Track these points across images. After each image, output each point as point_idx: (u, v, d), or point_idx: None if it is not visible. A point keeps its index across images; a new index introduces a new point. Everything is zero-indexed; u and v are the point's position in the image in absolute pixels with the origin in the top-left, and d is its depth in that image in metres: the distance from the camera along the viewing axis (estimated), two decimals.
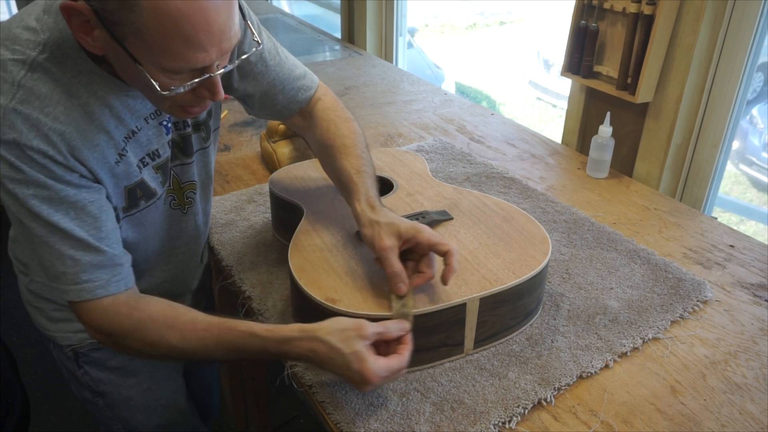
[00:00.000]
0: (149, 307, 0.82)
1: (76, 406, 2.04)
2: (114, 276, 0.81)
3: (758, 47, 1.29)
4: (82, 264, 0.78)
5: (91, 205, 0.78)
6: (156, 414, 1.13)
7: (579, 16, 1.46)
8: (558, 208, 1.30)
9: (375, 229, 0.85)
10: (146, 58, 0.70)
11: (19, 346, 2.23)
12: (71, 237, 0.77)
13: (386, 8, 2.46)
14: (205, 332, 0.80)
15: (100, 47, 0.71)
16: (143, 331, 0.81)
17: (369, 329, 0.77)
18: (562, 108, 3.60)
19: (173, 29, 0.66)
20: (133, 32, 0.67)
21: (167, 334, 0.80)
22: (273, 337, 0.79)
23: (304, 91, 1.03)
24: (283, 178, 1.18)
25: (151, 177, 0.89)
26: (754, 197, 3.29)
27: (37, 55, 0.74)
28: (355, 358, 0.75)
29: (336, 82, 2.10)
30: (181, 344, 0.80)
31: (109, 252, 0.80)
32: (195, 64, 0.71)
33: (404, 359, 0.78)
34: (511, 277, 0.90)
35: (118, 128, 0.81)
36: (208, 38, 0.69)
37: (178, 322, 0.81)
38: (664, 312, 1.01)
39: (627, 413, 0.83)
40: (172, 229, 1.00)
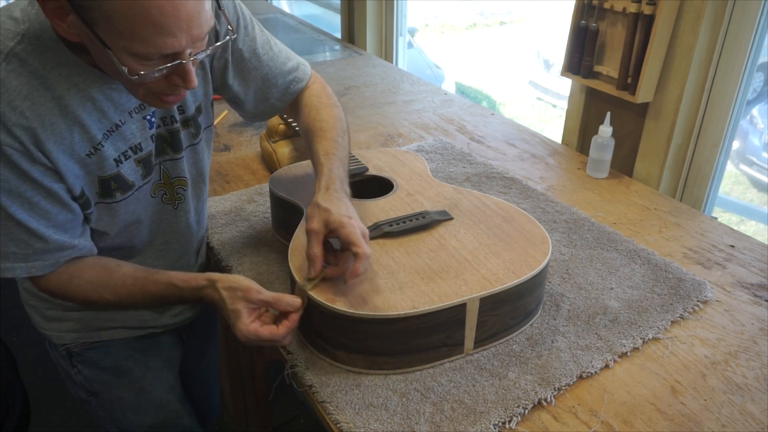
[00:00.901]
0: (86, 273, 0.90)
1: (76, 406, 2.04)
2: (62, 257, 0.86)
3: (758, 47, 1.29)
4: (33, 248, 0.83)
5: (44, 200, 0.81)
6: (148, 414, 1.13)
7: (579, 16, 1.46)
8: (558, 208, 1.30)
9: (314, 211, 0.88)
10: (116, 44, 0.70)
11: (19, 346, 2.23)
12: (23, 225, 0.81)
13: (386, 8, 2.46)
14: (133, 287, 0.91)
15: (75, 34, 0.72)
16: (83, 293, 0.90)
17: (255, 295, 0.85)
18: (562, 108, 3.60)
19: (141, 14, 0.67)
20: (103, 17, 0.67)
21: (103, 292, 0.91)
22: (187, 286, 0.90)
23: (296, 83, 1.06)
24: (283, 178, 1.18)
25: (131, 170, 0.90)
26: (754, 197, 3.29)
27: (15, 45, 0.74)
28: (233, 314, 0.84)
29: (336, 82, 2.10)
30: (116, 298, 0.91)
31: (56, 239, 0.84)
32: (164, 50, 0.71)
33: (276, 333, 0.84)
34: (511, 277, 0.90)
35: (101, 122, 0.83)
36: (177, 23, 0.69)
37: (111, 281, 0.91)
38: (665, 312, 1.01)
39: (627, 413, 0.83)
40: (163, 224, 1.02)
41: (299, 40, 2.69)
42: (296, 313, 0.85)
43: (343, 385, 0.86)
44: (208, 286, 0.88)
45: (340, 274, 0.87)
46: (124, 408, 1.11)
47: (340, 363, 0.89)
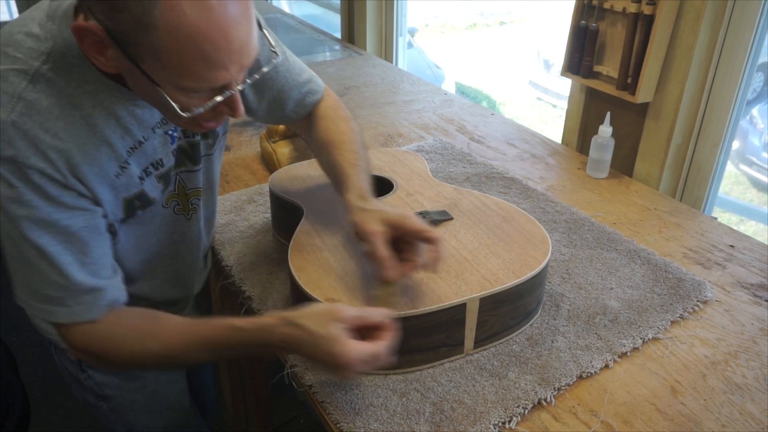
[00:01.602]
0: (128, 320, 0.81)
1: (76, 406, 2.04)
2: (99, 300, 0.79)
3: (758, 47, 1.29)
4: (68, 290, 0.76)
5: (82, 230, 0.76)
6: (161, 416, 1.12)
7: (579, 16, 1.46)
8: (558, 208, 1.30)
9: (364, 216, 0.85)
10: (164, 79, 0.67)
11: (19, 346, 2.23)
12: (57, 263, 0.75)
13: (386, 8, 2.46)
14: (184, 334, 0.79)
15: (113, 66, 0.69)
16: (123, 344, 0.80)
17: (345, 312, 0.75)
18: (562, 108, 3.60)
19: (192, 49, 0.64)
20: (151, 53, 0.64)
21: (148, 343, 0.80)
22: (252, 327, 0.78)
23: (311, 96, 1.03)
24: (283, 178, 1.18)
25: (152, 186, 0.87)
26: (754, 197, 3.29)
27: (41, 65, 0.71)
28: (333, 341, 0.72)
29: (336, 82, 2.10)
30: (163, 350, 0.80)
31: (93, 280, 0.78)
32: (215, 83, 0.69)
33: (386, 345, 0.75)
34: (511, 277, 0.90)
35: (124, 139, 0.79)
36: (229, 56, 0.66)
37: (156, 329, 0.81)
38: (664, 312, 1.01)
39: (627, 413, 0.83)
40: (175, 234, 0.98)
41: (299, 40, 2.69)
42: (389, 321, 0.78)
43: (343, 385, 0.86)
44: (281, 324, 0.76)
45: (415, 268, 0.84)
46: (138, 412, 1.09)
47: None
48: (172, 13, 0.61)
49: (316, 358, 0.76)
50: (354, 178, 0.91)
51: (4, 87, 0.70)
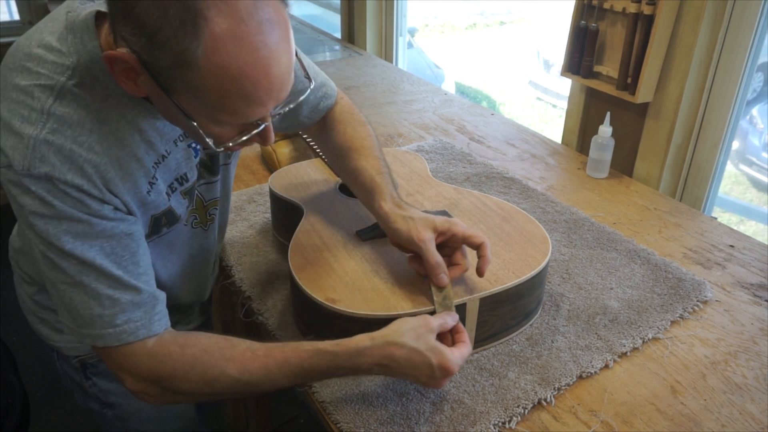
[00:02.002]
0: (200, 341, 0.76)
1: (76, 407, 2.03)
2: (155, 314, 0.75)
3: (758, 47, 1.29)
4: (121, 303, 0.72)
5: (127, 238, 0.73)
6: (168, 424, 1.10)
7: (579, 16, 1.46)
8: (558, 208, 1.30)
9: (410, 223, 0.85)
10: (199, 113, 0.66)
11: (19, 346, 2.23)
12: (108, 275, 0.71)
13: (386, 8, 2.46)
14: (267, 358, 0.75)
15: (143, 92, 0.67)
16: (200, 367, 0.74)
17: (434, 323, 0.77)
18: (562, 108, 3.60)
19: (233, 89, 0.62)
20: (188, 88, 0.62)
21: (227, 367, 0.74)
22: (343, 350, 0.75)
23: (326, 100, 1.01)
24: (283, 178, 1.18)
25: (178, 203, 0.84)
26: (754, 197, 3.29)
27: (66, 80, 0.68)
28: (434, 353, 0.74)
29: (336, 82, 2.06)
30: (243, 375, 0.74)
31: (147, 290, 0.74)
32: (251, 119, 0.68)
33: (470, 346, 0.79)
34: (511, 277, 0.90)
35: (149, 154, 0.76)
36: (269, 94, 0.65)
37: (236, 352, 0.75)
38: (664, 312, 1.01)
39: (627, 413, 0.83)
40: (193, 248, 0.97)
41: (299, 40, 2.69)
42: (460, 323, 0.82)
43: (343, 385, 0.86)
44: (375, 346, 0.75)
45: (464, 271, 0.86)
46: (144, 419, 1.07)
47: None
48: (216, 53, 0.59)
49: (417, 373, 0.75)
50: (385, 186, 0.91)
51: (31, 103, 0.67)
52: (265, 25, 0.61)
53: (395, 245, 0.89)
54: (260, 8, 0.60)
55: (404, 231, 0.85)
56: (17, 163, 0.67)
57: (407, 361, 0.74)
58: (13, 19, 3.25)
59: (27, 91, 0.68)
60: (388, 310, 0.83)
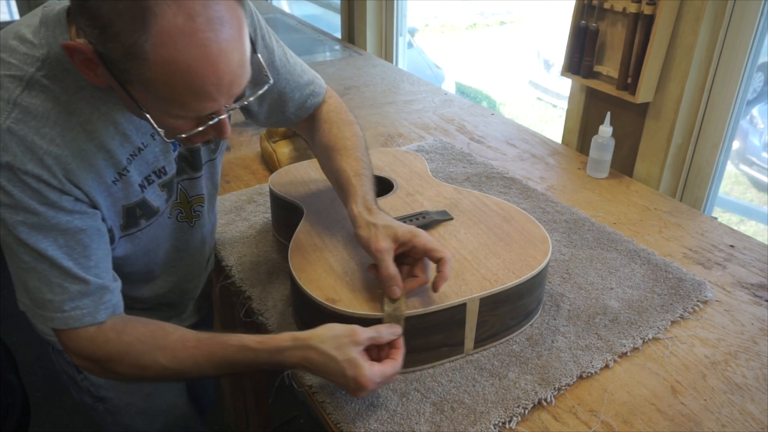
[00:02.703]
0: (137, 330, 0.80)
1: (76, 407, 2.04)
2: (102, 304, 0.78)
3: (758, 47, 1.29)
4: (69, 292, 0.76)
5: (81, 233, 0.75)
6: (158, 419, 1.12)
7: (579, 16, 1.46)
8: (558, 208, 1.30)
9: (371, 231, 0.84)
10: (152, 105, 0.68)
11: (19, 346, 2.23)
12: (58, 266, 0.74)
13: (386, 8, 2.46)
14: (196, 349, 0.78)
15: (103, 82, 0.69)
16: (133, 354, 0.79)
17: (362, 335, 0.76)
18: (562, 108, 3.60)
19: (181, 83, 0.64)
20: (140, 80, 0.64)
21: (157, 355, 0.78)
22: (265, 348, 0.78)
23: (313, 98, 1.02)
24: (283, 178, 1.18)
25: (155, 195, 0.86)
26: (754, 197, 3.29)
27: (35, 71, 0.70)
28: (350, 365, 0.74)
29: (336, 82, 2.10)
30: (172, 364, 0.78)
31: (95, 282, 0.77)
32: (203, 112, 0.69)
33: (398, 364, 0.78)
34: (511, 277, 0.90)
35: (123, 146, 0.78)
36: (218, 89, 0.66)
37: (168, 342, 0.79)
38: (665, 312, 1.01)
39: (627, 413, 0.83)
40: (179, 242, 0.98)
41: (299, 40, 2.69)
42: (400, 339, 0.81)
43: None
44: (296, 347, 0.77)
45: (422, 284, 0.85)
46: (134, 413, 1.09)
47: None
48: (164, 47, 0.61)
49: (333, 380, 0.77)
50: (359, 188, 0.91)
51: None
52: (215, 22, 0.62)
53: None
54: (210, 6, 0.62)
55: (365, 238, 0.84)
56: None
57: (324, 367, 0.76)
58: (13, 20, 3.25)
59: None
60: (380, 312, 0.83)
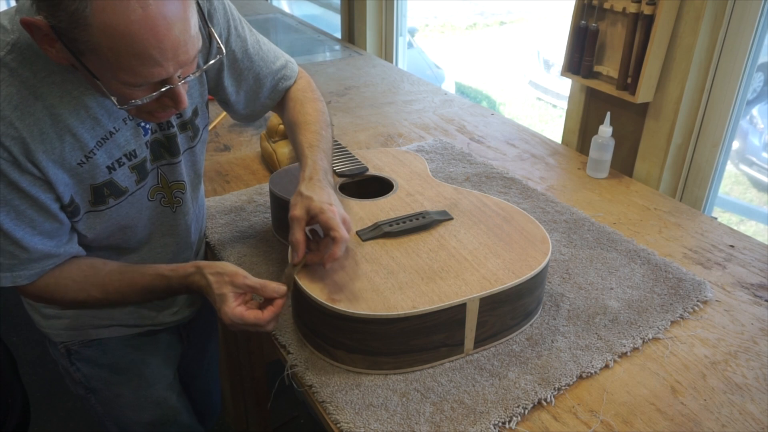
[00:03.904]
0: (72, 273, 0.89)
1: (76, 406, 2.04)
2: (47, 266, 0.86)
3: (758, 47, 1.29)
4: (18, 257, 0.83)
5: (30, 209, 0.81)
6: (147, 411, 1.13)
7: (579, 16, 1.46)
8: (558, 208, 1.30)
9: (297, 199, 0.89)
10: (104, 73, 0.71)
11: (19, 346, 2.23)
12: (9, 236, 0.81)
13: (386, 8, 2.46)
14: (120, 282, 0.90)
15: (63, 58, 0.72)
16: (72, 293, 0.89)
17: (242, 280, 0.85)
18: (562, 108, 3.60)
19: (124, 47, 0.67)
20: (89, 49, 0.68)
21: (90, 290, 0.90)
22: (176, 275, 0.89)
23: (284, 81, 1.07)
24: (283, 178, 1.18)
25: (124, 176, 0.90)
26: (754, 197, 3.29)
27: (5, 55, 0.74)
28: (219, 299, 0.84)
29: (336, 82, 2.10)
30: (103, 295, 0.90)
31: (41, 249, 0.84)
32: (152, 79, 0.72)
33: (261, 318, 0.84)
34: (511, 277, 0.90)
35: (94, 129, 0.82)
36: (161, 53, 0.69)
37: (98, 278, 0.90)
38: (664, 312, 1.01)
39: (627, 413, 0.83)
40: (163, 226, 1.02)
41: (299, 40, 2.69)
42: (281, 299, 0.86)
43: (343, 385, 0.86)
44: (196, 273, 0.87)
45: (320, 259, 0.88)
46: (123, 405, 1.11)
47: (340, 363, 0.89)
48: (104, 12, 0.65)
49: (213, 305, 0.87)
50: (309, 159, 0.95)
51: None
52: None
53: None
54: None
55: (291, 205, 0.89)
56: None
57: (206, 293, 0.87)
58: None
59: None
60: (387, 310, 0.83)
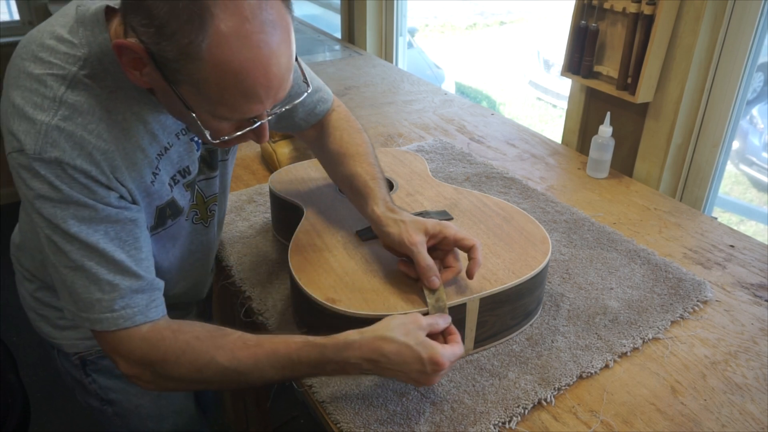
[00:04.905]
0: (194, 329, 0.78)
1: (77, 407, 2.04)
2: (153, 301, 0.77)
3: (758, 47, 1.29)
4: (120, 289, 0.74)
5: (131, 224, 0.75)
6: (167, 421, 1.10)
7: (579, 16, 1.46)
8: (558, 208, 1.30)
9: (401, 227, 0.86)
10: (200, 106, 0.69)
11: (19, 347, 2.23)
12: (110, 259, 0.73)
13: (386, 8, 2.46)
14: (257, 348, 0.76)
15: (147, 82, 0.70)
16: (191, 353, 0.75)
17: (424, 320, 0.78)
18: (562, 108, 3.60)
19: (233, 83, 0.65)
20: (190, 81, 0.65)
21: (217, 354, 0.75)
22: (332, 343, 0.76)
23: (321, 104, 1.03)
24: (283, 178, 1.18)
25: (180, 195, 0.87)
26: (754, 197, 3.29)
27: (78, 70, 0.71)
28: (424, 347, 0.75)
29: (336, 82, 2.10)
30: (232, 364, 0.75)
31: (147, 277, 0.76)
32: (250, 114, 0.70)
33: (461, 346, 0.79)
34: (511, 277, 0.90)
35: (152, 145, 0.79)
36: (267, 92, 0.68)
37: (227, 341, 0.77)
38: (664, 312, 1.01)
39: (627, 413, 0.83)
40: (193, 244, 0.99)
41: (299, 40, 2.69)
42: (451, 325, 0.82)
43: (343, 385, 0.86)
44: (363, 339, 0.76)
45: (457, 274, 0.87)
46: (143, 416, 1.08)
47: None
48: (219, 48, 0.62)
49: (407, 369, 0.75)
50: (378, 191, 0.93)
51: (43, 91, 0.70)
52: (267, 25, 0.64)
53: (388, 249, 0.90)
54: (264, 9, 0.64)
55: (396, 234, 0.86)
56: (29, 147, 0.69)
57: (397, 356, 0.74)
58: (12, 19, 3.25)
59: (40, 80, 0.70)
60: (387, 310, 0.83)
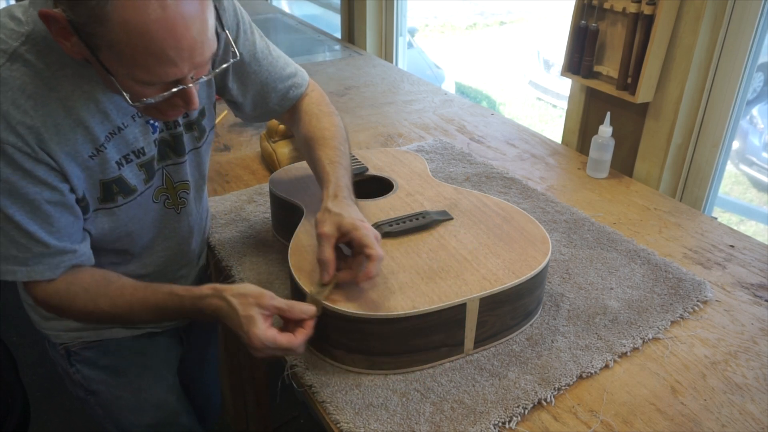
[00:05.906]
0: (83, 280, 0.87)
1: (76, 407, 2.04)
2: (62, 262, 0.85)
3: (758, 47, 1.29)
4: (32, 251, 0.82)
5: (46, 204, 0.80)
6: (147, 414, 1.13)
7: (579, 16, 1.46)
8: (558, 208, 1.30)
9: (324, 216, 0.87)
10: (119, 70, 0.71)
11: (19, 346, 2.23)
12: (23, 229, 0.80)
13: (386, 8, 2.46)
14: (132, 296, 0.87)
15: (78, 52, 0.73)
16: (79, 301, 0.87)
17: (268, 300, 0.81)
18: (562, 108, 3.60)
19: (142, 45, 0.68)
20: (106, 45, 0.68)
21: (99, 301, 0.87)
22: (189, 294, 0.85)
23: (295, 89, 1.06)
24: (283, 178, 1.18)
25: (133, 174, 0.89)
26: (754, 197, 3.29)
27: (19, 45, 0.75)
28: (247, 321, 0.80)
29: (336, 82, 2.10)
30: (112, 309, 0.87)
31: (56, 245, 0.83)
32: (167, 78, 0.73)
33: (294, 341, 0.81)
34: (511, 277, 0.90)
35: (103, 124, 0.83)
36: (178, 53, 0.70)
37: (109, 290, 0.88)
38: (664, 312, 1.01)
39: (627, 413, 0.83)
40: (166, 229, 1.01)
41: (299, 40, 2.69)
42: (311, 320, 0.83)
43: (343, 385, 0.86)
44: (213, 295, 0.83)
45: (353, 277, 0.85)
46: (123, 407, 1.11)
47: (340, 363, 0.89)
48: (123, 9, 0.66)
49: (236, 333, 0.82)
50: (332, 176, 0.94)
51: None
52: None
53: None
54: None
55: (317, 221, 0.88)
56: None
57: (227, 318, 0.82)
58: None
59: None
60: (388, 310, 0.83)
